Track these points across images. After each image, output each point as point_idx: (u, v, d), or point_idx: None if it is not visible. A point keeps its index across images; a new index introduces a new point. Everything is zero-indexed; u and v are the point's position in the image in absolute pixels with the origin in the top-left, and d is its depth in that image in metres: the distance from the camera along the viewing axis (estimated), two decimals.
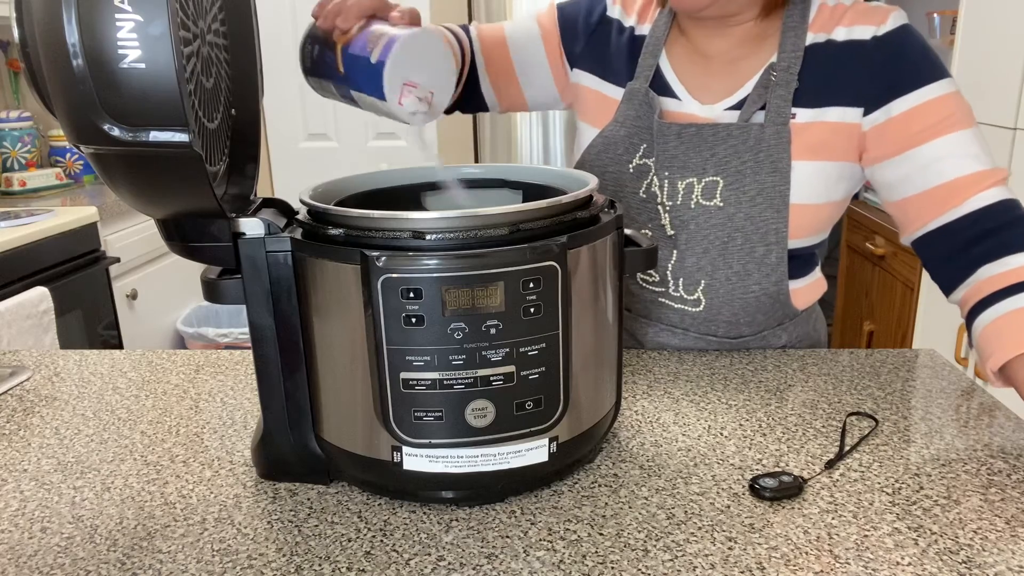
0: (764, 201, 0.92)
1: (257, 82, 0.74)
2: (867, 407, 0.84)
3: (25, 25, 0.54)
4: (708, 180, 0.94)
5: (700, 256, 0.96)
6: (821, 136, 0.92)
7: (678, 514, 0.66)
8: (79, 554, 0.63)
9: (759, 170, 0.92)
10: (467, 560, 0.61)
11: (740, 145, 0.92)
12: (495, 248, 0.61)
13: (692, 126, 0.94)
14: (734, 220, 0.93)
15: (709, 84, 0.97)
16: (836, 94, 0.92)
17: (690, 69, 0.99)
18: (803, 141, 0.92)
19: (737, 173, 0.92)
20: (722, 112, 0.95)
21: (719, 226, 0.94)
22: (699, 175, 0.94)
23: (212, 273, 0.68)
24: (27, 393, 0.94)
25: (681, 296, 0.99)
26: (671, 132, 0.95)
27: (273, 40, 3.32)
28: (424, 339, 0.61)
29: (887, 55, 0.90)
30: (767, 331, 1.02)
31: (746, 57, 0.96)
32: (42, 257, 2.07)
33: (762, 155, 0.92)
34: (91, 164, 0.57)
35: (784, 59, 0.93)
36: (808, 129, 0.92)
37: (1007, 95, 1.73)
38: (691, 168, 0.94)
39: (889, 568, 0.58)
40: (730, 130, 0.93)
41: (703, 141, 0.94)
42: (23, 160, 2.59)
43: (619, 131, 1.00)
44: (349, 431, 0.68)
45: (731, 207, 0.93)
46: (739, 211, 0.93)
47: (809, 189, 0.93)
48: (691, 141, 0.94)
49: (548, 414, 0.65)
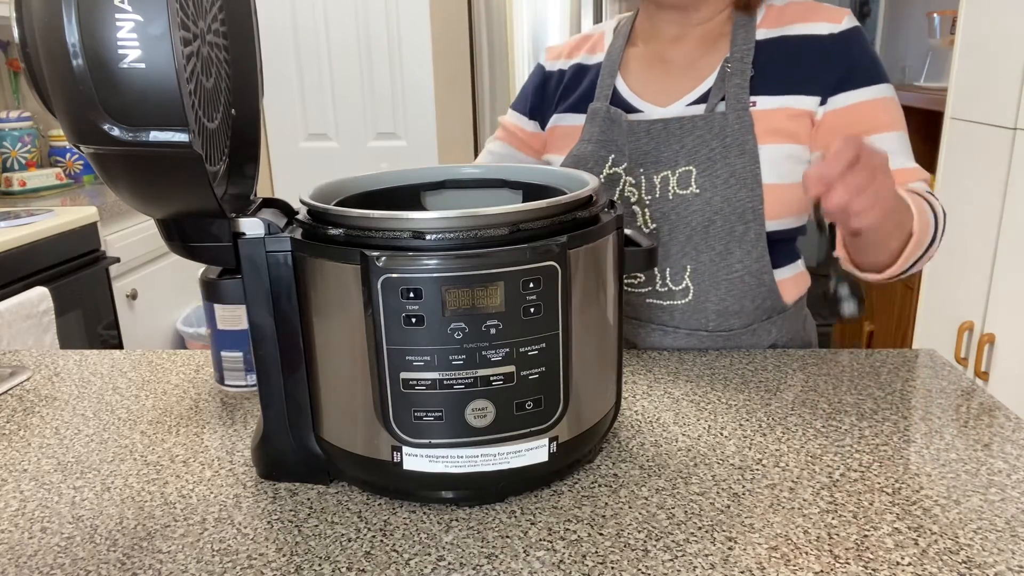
0: (737, 183, 0.97)
1: (257, 82, 0.74)
2: (867, 407, 0.84)
3: (25, 25, 0.54)
4: (682, 171, 0.99)
5: (683, 243, 1.00)
6: (782, 121, 0.98)
7: (678, 514, 0.66)
8: (79, 554, 0.63)
9: (728, 154, 0.97)
10: (467, 560, 0.61)
11: (706, 134, 0.98)
12: (495, 248, 0.61)
13: (659, 121, 1.00)
14: (712, 204, 0.98)
15: (668, 87, 1.04)
16: (795, 83, 0.98)
17: (648, 78, 1.06)
18: (766, 126, 0.97)
19: (708, 160, 0.98)
20: (684, 108, 1.01)
21: (698, 212, 0.98)
22: (672, 167, 0.99)
23: (212, 273, 0.68)
24: (27, 393, 0.94)
25: (669, 289, 1.02)
26: (640, 130, 1.01)
27: (273, 40, 3.32)
28: (424, 339, 0.61)
29: (842, 50, 0.98)
30: (756, 324, 1.03)
31: (703, 56, 1.03)
32: (42, 257, 2.07)
33: (728, 139, 0.97)
34: (91, 164, 0.57)
35: (737, 51, 1.00)
36: (769, 115, 0.98)
37: (1007, 95, 1.73)
38: (664, 162, 1.00)
39: (889, 568, 0.58)
40: (695, 121, 0.98)
41: (671, 135, 0.99)
42: (23, 160, 2.59)
43: (586, 148, 1.05)
44: (349, 431, 0.68)
45: (707, 192, 0.98)
46: (715, 195, 0.97)
47: (778, 169, 0.97)
48: (660, 136, 1.00)
49: (548, 414, 0.65)
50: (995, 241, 1.76)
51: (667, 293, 1.02)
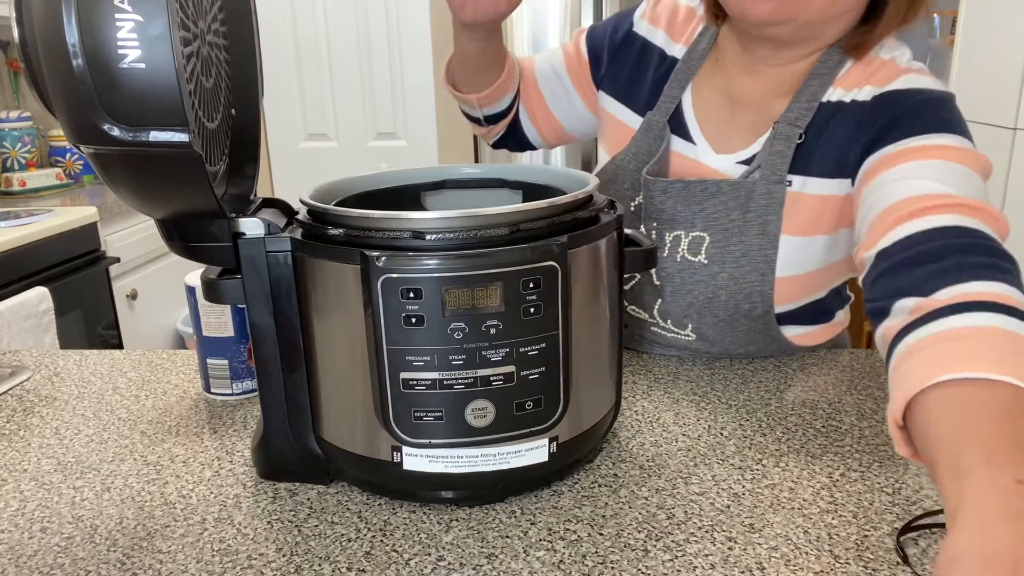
0: (748, 264, 0.87)
1: (257, 82, 0.74)
2: (867, 407, 0.84)
3: (25, 25, 0.54)
4: (695, 235, 0.89)
5: (685, 308, 0.93)
6: (816, 210, 0.85)
7: (678, 514, 0.66)
8: (79, 554, 0.63)
9: (746, 231, 0.87)
10: (467, 560, 0.61)
11: (730, 201, 0.87)
12: (495, 248, 0.61)
13: (679, 182, 0.89)
14: (717, 279, 0.89)
15: (729, 133, 0.90)
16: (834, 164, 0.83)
17: (713, 112, 0.92)
18: (796, 212, 0.85)
19: (724, 231, 0.88)
20: (733, 165, 0.89)
21: (703, 282, 0.90)
22: (687, 228, 0.90)
23: (212, 273, 0.68)
24: (27, 393, 0.94)
25: (674, 333, 0.97)
26: (656, 188, 0.90)
27: (273, 40, 3.32)
28: (424, 339, 0.61)
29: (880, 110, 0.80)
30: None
31: (773, 104, 0.88)
32: (42, 257, 2.07)
33: (750, 215, 0.86)
34: (91, 164, 0.57)
35: (794, 110, 0.84)
36: (804, 201, 0.85)
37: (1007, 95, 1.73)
38: (679, 221, 0.90)
39: (889, 568, 0.58)
40: (720, 186, 0.87)
41: (691, 196, 0.89)
42: (23, 160, 2.59)
43: (629, 163, 0.95)
44: (349, 431, 0.68)
45: (715, 265, 0.89)
46: (723, 270, 0.89)
47: (797, 260, 0.87)
48: (679, 196, 0.89)
49: (548, 414, 0.65)
50: None
51: (672, 335, 0.97)
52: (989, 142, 1.78)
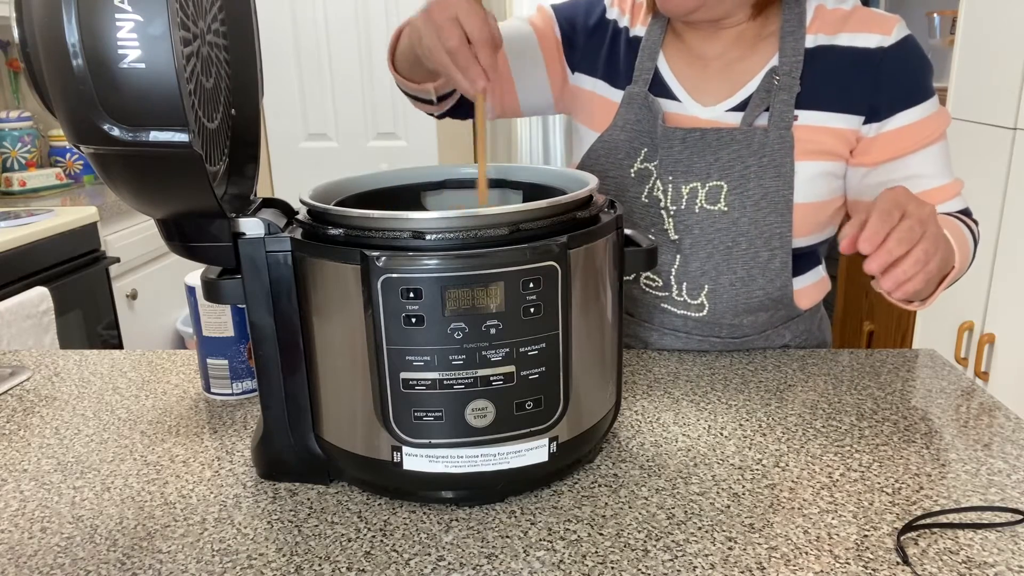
0: (768, 205, 0.93)
1: (257, 82, 0.74)
2: (867, 407, 0.84)
3: (25, 25, 0.54)
4: (712, 185, 0.94)
5: (704, 260, 0.96)
6: (823, 139, 0.93)
7: (678, 514, 0.66)
8: (79, 554, 0.63)
9: (763, 174, 0.92)
10: (467, 560, 0.61)
11: (744, 149, 0.93)
12: (495, 248, 0.61)
13: (697, 130, 0.94)
14: (738, 224, 0.94)
15: (707, 86, 0.97)
16: (839, 100, 0.93)
17: (688, 71, 0.99)
18: (806, 142, 0.93)
19: (741, 178, 0.93)
20: (724, 113, 0.96)
21: (724, 231, 0.94)
22: (703, 179, 0.94)
23: (212, 273, 0.68)
24: (27, 393, 0.94)
25: (684, 300, 0.99)
26: (675, 137, 0.95)
27: (273, 40, 3.32)
28: (424, 339, 0.61)
29: (893, 68, 0.92)
30: (770, 330, 1.03)
31: (743, 59, 0.97)
32: (42, 257, 2.07)
33: (766, 159, 0.92)
34: (91, 164, 0.57)
35: (785, 63, 0.93)
36: (811, 132, 0.93)
37: (1007, 95, 1.73)
38: (695, 172, 0.94)
39: (889, 568, 0.58)
40: (734, 135, 0.93)
41: (707, 146, 0.94)
42: (23, 160, 2.59)
43: (620, 135, 0.99)
44: (349, 431, 0.68)
45: (735, 211, 0.93)
46: (743, 215, 0.93)
47: (812, 188, 0.94)
48: (695, 146, 0.94)
49: (548, 414, 0.65)
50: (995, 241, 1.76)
51: (682, 303, 0.99)
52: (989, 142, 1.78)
